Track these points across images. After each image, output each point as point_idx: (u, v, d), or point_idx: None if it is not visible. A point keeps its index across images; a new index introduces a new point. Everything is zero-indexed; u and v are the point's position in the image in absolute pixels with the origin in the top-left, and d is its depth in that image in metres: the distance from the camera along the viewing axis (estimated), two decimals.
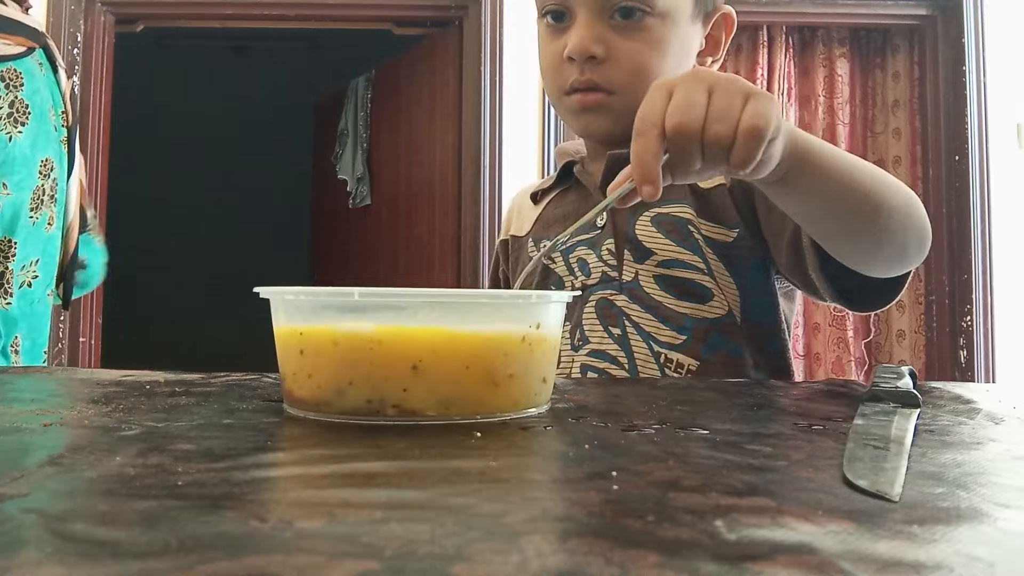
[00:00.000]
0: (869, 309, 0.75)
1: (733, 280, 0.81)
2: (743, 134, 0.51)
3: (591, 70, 0.80)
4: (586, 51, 0.79)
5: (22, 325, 1.14)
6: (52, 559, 0.22)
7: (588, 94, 0.81)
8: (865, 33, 3.21)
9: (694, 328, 0.81)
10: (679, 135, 0.52)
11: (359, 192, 3.70)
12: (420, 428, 0.43)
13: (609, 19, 0.80)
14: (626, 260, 0.84)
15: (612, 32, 0.80)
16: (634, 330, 0.82)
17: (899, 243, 0.66)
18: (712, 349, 0.80)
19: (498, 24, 2.79)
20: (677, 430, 0.42)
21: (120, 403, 0.50)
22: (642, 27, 0.80)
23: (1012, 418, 0.49)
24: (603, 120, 0.83)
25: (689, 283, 0.81)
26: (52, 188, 1.17)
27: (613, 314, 0.83)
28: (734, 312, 0.81)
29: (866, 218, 0.63)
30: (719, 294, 0.81)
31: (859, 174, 0.62)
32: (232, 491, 0.29)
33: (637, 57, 0.80)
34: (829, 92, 3.19)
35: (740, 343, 0.81)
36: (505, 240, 1.00)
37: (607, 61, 0.80)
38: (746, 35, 3.11)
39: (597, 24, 0.80)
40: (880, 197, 0.63)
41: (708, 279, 0.81)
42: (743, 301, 0.81)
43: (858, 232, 0.65)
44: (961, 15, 2.91)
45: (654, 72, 0.80)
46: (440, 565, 0.21)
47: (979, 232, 2.87)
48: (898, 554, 0.23)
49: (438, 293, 0.46)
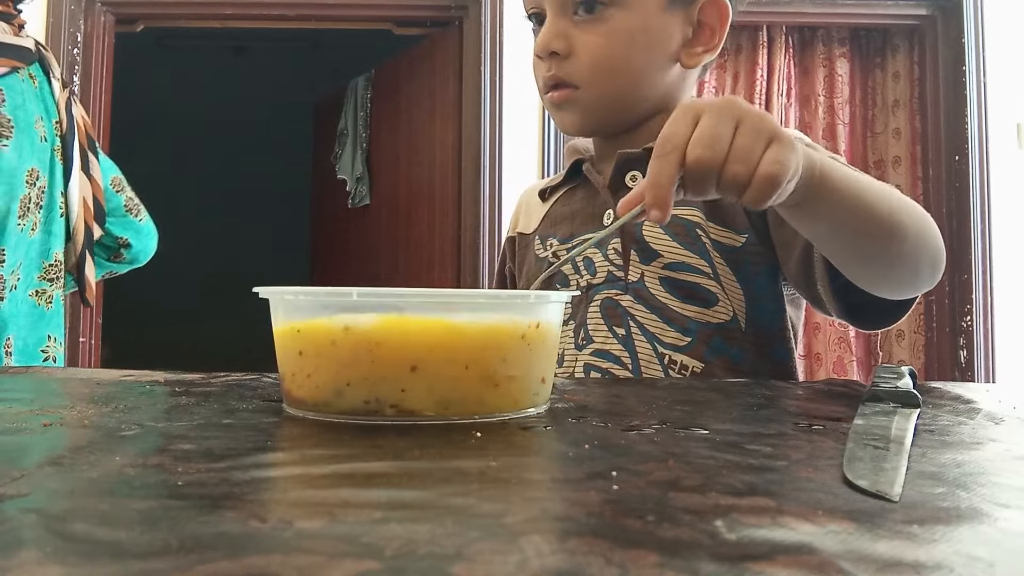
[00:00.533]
0: (875, 327, 0.76)
1: (740, 285, 0.81)
2: (760, 179, 0.52)
3: (556, 66, 0.83)
4: (547, 47, 0.82)
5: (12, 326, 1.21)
6: (52, 559, 0.22)
7: (556, 91, 0.84)
8: (865, 33, 3.21)
9: (699, 331, 0.80)
10: (698, 167, 0.52)
11: (359, 192, 3.70)
12: (420, 428, 0.43)
13: (572, 15, 0.82)
14: (632, 260, 0.83)
15: (574, 28, 0.82)
16: (639, 330, 0.82)
17: (912, 267, 0.67)
18: (716, 353, 0.80)
19: (498, 24, 2.78)
20: (677, 430, 0.42)
21: (120, 403, 0.50)
22: (602, 19, 0.81)
23: (1012, 418, 0.49)
24: (572, 115, 0.85)
25: (695, 287, 0.81)
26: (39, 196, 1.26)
27: (618, 314, 0.83)
28: (739, 318, 0.81)
29: (881, 243, 0.64)
30: (724, 299, 0.81)
31: (876, 199, 0.62)
32: (232, 491, 0.29)
33: (597, 50, 0.82)
34: (829, 92, 3.19)
35: (743, 349, 0.81)
36: (512, 237, 1.00)
37: (569, 56, 0.82)
38: (746, 35, 3.11)
39: (560, 21, 0.82)
40: (896, 222, 0.63)
41: (714, 283, 0.81)
42: (749, 307, 0.81)
43: (872, 256, 0.65)
44: (961, 15, 2.90)
45: (619, 64, 0.82)
46: (440, 565, 0.21)
47: (979, 232, 2.87)
48: (898, 554, 0.23)
49: (437, 293, 0.46)
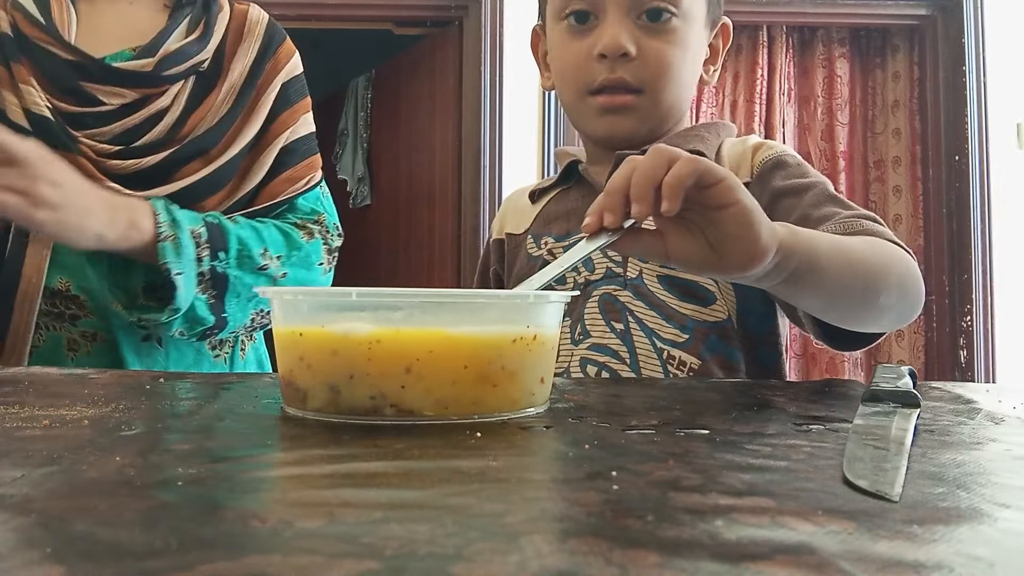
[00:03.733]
0: (852, 349, 0.75)
1: (732, 286, 0.81)
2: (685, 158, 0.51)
3: (622, 68, 0.82)
4: (620, 48, 0.81)
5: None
6: (52, 559, 0.22)
7: (616, 95, 0.83)
8: (865, 33, 3.21)
9: (696, 329, 0.81)
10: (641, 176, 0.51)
11: (359, 192, 3.70)
12: (419, 428, 0.43)
13: (636, 19, 0.82)
14: (631, 257, 0.84)
15: (639, 31, 0.82)
16: (637, 326, 0.82)
17: (895, 316, 0.69)
18: (712, 351, 0.81)
19: (498, 24, 2.78)
20: (677, 430, 0.42)
21: (120, 403, 0.49)
22: (668, 28, 0.82)
23: (1012, 418, 0.49)
24: (629, 121, 0.84)
25: (693, 285, 0.81)
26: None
27: (616, 309, 0.83)
28: (732, 318, 0.81)
29: (865, 303, 0.65)
30: (720, 299, 0.81)
31: (858, 265, 0.63)
32: (232, 491, 0.29)
33: (664, 56, 0.82)
34: (829, 92, 3.19)
35: (736, 349, 0.81)
36: (499, 239, 0.99)
37: (637, 59, 0.82)
38: (746, 35, 3.11)
39: (626, 23, 0.82)
40: (880, 281, 0.65)
41: (711, 283, 0.81)
42: (740, 308, 0.81)
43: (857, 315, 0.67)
44: (961, 15, 2.91)
45: (677, 71, 0.83)
46: (440, 565, 0.21)
47: (979, 232, 2.87)
48: (898, 554, 0.23)
49: (435, 293, 0.46)
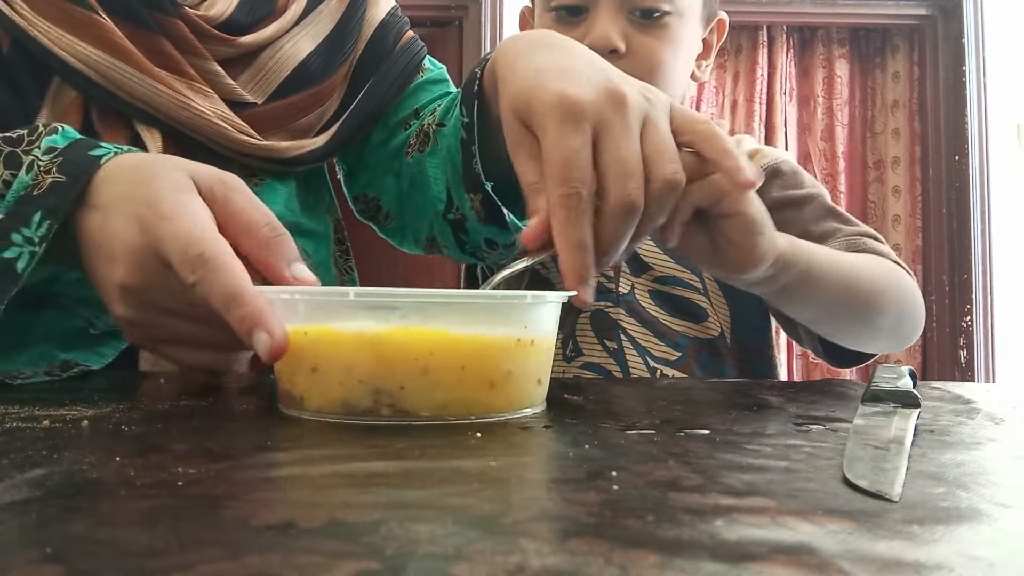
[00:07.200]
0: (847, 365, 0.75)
1: (726, 301, 0.81)
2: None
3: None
4: (609, 44, 0.79)
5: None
6: (52, 559, 0.22)
7: None
8: (865, 33, 3.21)
9: (688, 347, 0.81)
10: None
11: None
12: (419, 428, 0.43)
13: (628, 14, 0.80)
14: (623, 272, 0.83)
15: (631, 28, 0.80)
16: (630, 345, 0.81)
17: (891, 337, 0.69)
18: (703, 368, 0.81)
19: (498, 24, 2.79)
20: (677, 430, 0.42)
21: (120, 403, 0.49)
22: (661, 25, 0.81)
23: (1012, 418, 0.49)
24: None
25: (685, 302, 0.81)
26: None
27: (608, 327, 0.82)
28: (725, 333, 0.81)
29: (860, 321, 0.65)
30: (713, 315, 0.81)
31: (856, 285, 0.63)
32: (232, 491, 0.29)
33: (655, 54, 0.80)
34: (828, 92, 3.19)
35: (728, 365, 0.81)
36: None
37: (627, 56, 0.79)
38: (746, 35, 3.11)
39: (618, 19, 0.80)
40: (877, 302, 0.64)
41: (703, 299, 0.81)
42: (734, 322, 0.81)
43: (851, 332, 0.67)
44: (961, 15, 2.91)
45: (669, 70, 0.81)
46: (440, 565, 0.21)
47: (979, 232, 2.87)
48: (898, 554, 0.23)
49: (434, 293, 0.46)
